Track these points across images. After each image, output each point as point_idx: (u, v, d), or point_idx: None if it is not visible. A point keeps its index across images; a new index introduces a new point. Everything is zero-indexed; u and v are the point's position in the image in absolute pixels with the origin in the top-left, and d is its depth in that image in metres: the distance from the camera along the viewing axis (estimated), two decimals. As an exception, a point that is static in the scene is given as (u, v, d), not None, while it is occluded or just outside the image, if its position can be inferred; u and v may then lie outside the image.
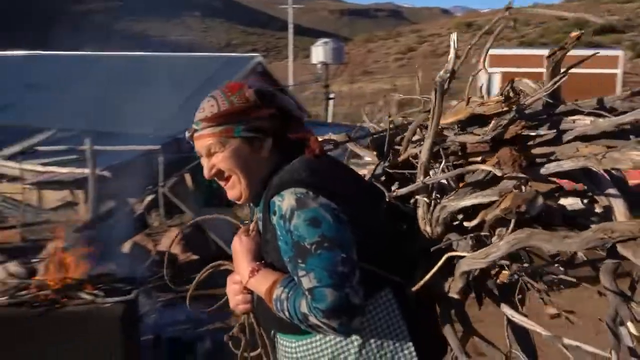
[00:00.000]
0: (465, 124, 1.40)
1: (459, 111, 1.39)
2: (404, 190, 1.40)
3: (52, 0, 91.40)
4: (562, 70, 1.40)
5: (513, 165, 1.28)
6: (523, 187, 1.30)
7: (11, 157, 14.14)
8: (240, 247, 1.49)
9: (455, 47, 1.39)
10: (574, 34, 1.36)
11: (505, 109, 1.34)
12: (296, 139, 1.51)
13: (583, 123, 1.30)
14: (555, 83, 1.36)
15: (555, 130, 1.34)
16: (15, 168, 12.95)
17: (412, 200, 1.47)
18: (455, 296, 1.40)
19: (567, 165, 1.26)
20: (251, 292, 1.51)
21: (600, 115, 1.30)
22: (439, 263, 1.32)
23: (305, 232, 1.30)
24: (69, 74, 21.11)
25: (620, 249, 1.16)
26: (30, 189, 13.97)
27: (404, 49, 50.66)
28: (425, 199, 1.41)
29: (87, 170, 12.71)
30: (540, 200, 1.24)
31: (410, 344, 1.41)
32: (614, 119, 1.25)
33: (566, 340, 1.22)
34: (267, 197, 1.40)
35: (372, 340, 1.41)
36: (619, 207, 1.20)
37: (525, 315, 1.37)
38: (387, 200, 1.44)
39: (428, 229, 1.44)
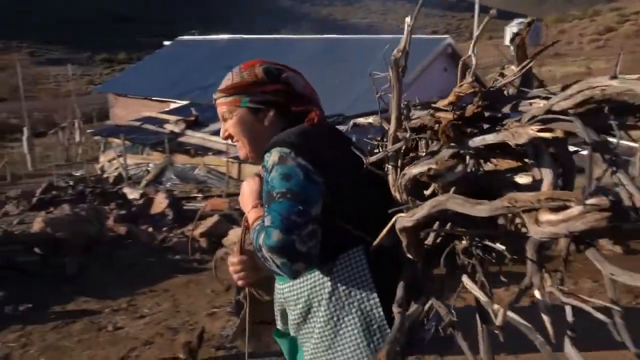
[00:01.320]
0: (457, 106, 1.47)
1: (451, 94, 1.46)
2: (373, 158, 1.53)
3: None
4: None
5: (442, 135, 1.39)
6: (467, 158, 1.43)
7: (216, 133, 15.34)
8: (248, 188, 1.75)
9: (408, 28, 1.48)
10: (530, 19, 1.43)
11: (475, 90, 1.40)
12: (299, 111, 1.72)
13: (537, 106, 1.35)
14: (522, 69, 1.41)
15: (515, 112, 1.41)
16: (220, 143, 14.00)
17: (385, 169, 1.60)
18: (410, 256, 1.53)
19: (489, 138, 1.34)
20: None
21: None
22: (389, 225, 1.46)
23: (277, 184, 1.51)
24: (265, 56, 22.45)
25: (524, 217, 1.23)
26: (232, 162, 15.20)
27: (601, 29, 46.56)
28: (391, 166, 1.54)
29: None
30: (459, 167, 1.38)
31: (375, 294, 1.61)
32: (547, 103, 1.30)
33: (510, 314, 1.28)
34: (263, 152, 1.63)
35: (341, 289, 1.62)
36: (546, 180, 1.26)
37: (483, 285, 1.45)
38: (365, 167, 1.54)
39: (397, 195, 1.55)
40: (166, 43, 27.52)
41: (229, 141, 1.83)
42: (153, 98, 21.50)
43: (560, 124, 1.24)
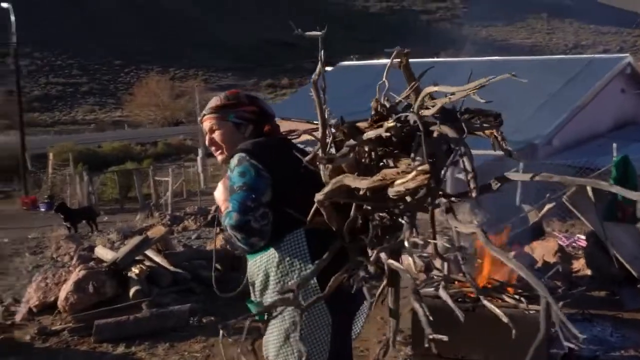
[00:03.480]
0: None
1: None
2: (307, 158, 1.79)
3: (404, 13, 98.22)
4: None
5: (343, 133, 1.78)
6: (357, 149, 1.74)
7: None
8: (222, 186, 2.25)
9: (321, 53, 1.77)
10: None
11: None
12: (268, 127, 2.33)
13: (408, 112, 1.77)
14: (410, 89, 1.89)
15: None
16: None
17: None
18: (333, 227, 1.84)
19: (370, 134, 1.71)
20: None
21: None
22: (314, 207, 1.77)
23: (236, 180, 2.08)
24: (425, 80, 22.31)
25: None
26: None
27: None
28: (322, 165, 1.81)
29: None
30: (349, 155, 1.69)
31: (310, 264, 2.06)
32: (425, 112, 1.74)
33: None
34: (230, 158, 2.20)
35: (286, 260, 2.12)
36: (417, 162, 1.57)
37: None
38: (303, 164, 1.82)
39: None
40: (328, 69, 28.46)
41: (212, 149, 2.35)
42: (315, 122, 22.25)
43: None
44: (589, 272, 5.27)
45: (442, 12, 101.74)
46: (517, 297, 3.47)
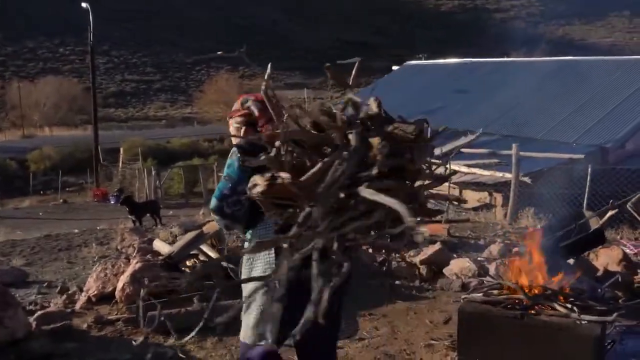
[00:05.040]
0: None
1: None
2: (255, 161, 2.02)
3: (476, 12, 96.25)
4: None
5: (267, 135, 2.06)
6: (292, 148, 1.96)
7: (440, 157, 15.11)
8: None
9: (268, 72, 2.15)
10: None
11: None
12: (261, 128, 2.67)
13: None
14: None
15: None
16: (443, 167, 13.73)
17: None
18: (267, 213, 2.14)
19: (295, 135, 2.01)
20: None
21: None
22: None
23: (225, 170, 2.57)
24: (494, 79, 21.79)
25: None
26: (454, 188, 14.92)
27: None
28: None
29: (508, 175, 12.91)
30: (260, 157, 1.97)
31: (273, 249, 2.51)
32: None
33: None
34: None
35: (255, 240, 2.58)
36: (320, 164, 1.88)
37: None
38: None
39: None
40: (395, 68, 28.21)
41: None
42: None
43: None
44: (654, 283, 4.99)
45: (516, 10, 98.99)
46: (569, 306, 3.32)
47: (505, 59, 27.69)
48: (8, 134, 44.68)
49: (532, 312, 3.35)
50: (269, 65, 2.19)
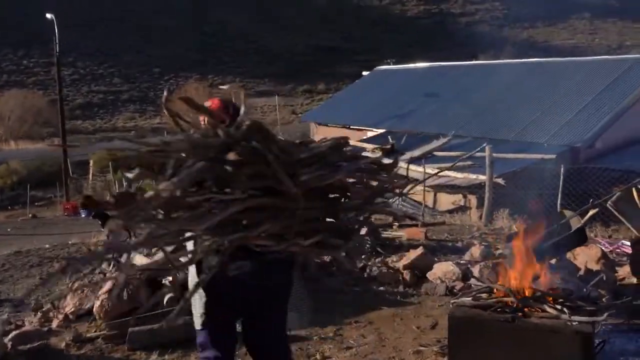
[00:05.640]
0: None
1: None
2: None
3: (441, 16, 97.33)
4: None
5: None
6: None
7: (412, 161, 15.17)
8: None
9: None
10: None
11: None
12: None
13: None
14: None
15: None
16: (417, 171, 13.79)
17: None
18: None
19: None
20: None
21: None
22: None
23: None
24: (464, 83, 22.01)
25: None
26: (428, 191, 14.97)
27: None
28: None
29: (482, 177, 13.01)
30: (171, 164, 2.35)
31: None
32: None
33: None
34: None
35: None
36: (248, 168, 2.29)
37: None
38: None
39: None
40: (365, 73, 28.32)
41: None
42: (351, 127, 22.17)
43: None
44: (634, 280, 5.04)
45: (481, 14, 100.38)
46: (558, 307, 3.31)
47: (474, 62, 28.02)
48: (-28, 149, 43.59)
49: (523, 314, 3.33)
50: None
